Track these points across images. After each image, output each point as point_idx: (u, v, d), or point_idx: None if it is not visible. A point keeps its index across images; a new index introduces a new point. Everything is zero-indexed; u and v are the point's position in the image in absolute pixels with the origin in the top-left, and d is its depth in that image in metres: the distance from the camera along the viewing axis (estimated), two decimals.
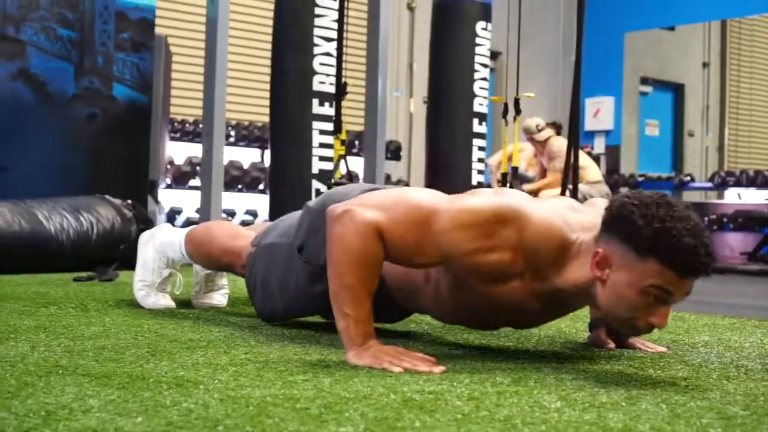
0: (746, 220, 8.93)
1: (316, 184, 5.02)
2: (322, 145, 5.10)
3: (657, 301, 1.74)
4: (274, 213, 5.01)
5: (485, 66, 6.70)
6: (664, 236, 1.68)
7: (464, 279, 1.94)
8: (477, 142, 6.62)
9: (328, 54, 5.15)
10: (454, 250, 1.87)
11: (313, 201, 2.35)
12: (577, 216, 1.93)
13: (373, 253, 1.87)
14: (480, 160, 6.63)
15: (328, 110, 5.12)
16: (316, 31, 5.12)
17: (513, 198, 1.91)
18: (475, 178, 6.48)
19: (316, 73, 5.12)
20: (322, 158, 5.10)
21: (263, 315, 2.49)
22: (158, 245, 2.75)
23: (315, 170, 5.07)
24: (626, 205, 1.73)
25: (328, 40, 5.15)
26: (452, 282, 1.99)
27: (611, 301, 1.79)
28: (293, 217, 2.45)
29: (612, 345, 2.24)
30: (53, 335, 2.13)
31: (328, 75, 5.15)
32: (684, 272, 1.70)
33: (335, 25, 5.18)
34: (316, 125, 5.08)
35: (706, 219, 9.22)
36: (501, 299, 1.93)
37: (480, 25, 6.65)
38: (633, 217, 1.71)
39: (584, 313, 2.34)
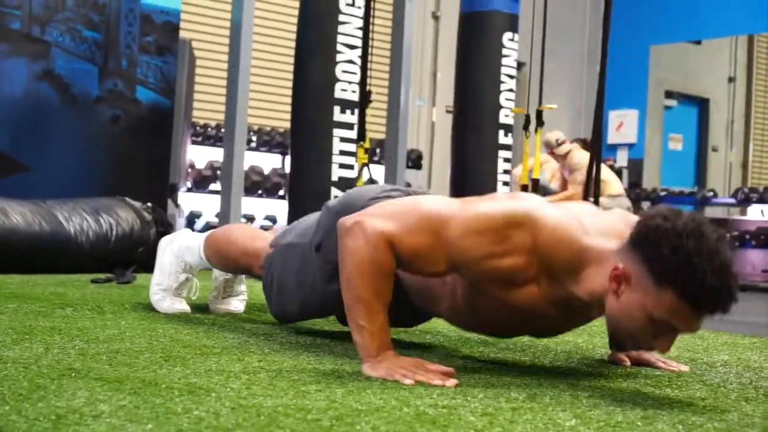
0: None
1: (335, 191, 5.00)
2: (343, 153, 5.08)
3: (663, 332, 1.72)
4: (293, 219, 4.97)
5: (511, 77, 6.68)
6: (686, 272, 1.63)
7: (479, 283, 1.92)
8: (503, 154, 6.62)
9: (351, 62, 5.14)
10: (467, 257, 1.86)
11: (332, 201, 2.35)
12: (594, 220, 1.90)
13: (384, 263, 1.86)
14: (506, 172, 6.63)
15: (350, 118, 5.11)
16: (340, 38, 5.09)
17: (526, 201, 1.89)
18: (501, 189, 6.46)
19: (338, 80, 5.10)
20: (342, 165, 5.08)
21: (277, 315, 2.48)
22: (177, 250, 2.76)
23: (335, 177, 5.05)
24: (658, 229, 1.68)
25: (352, 47, 5.14)
26: (467, 286, 1.97)
27: (620, 317, 1.76)
28: (312, 218, 2.44)
29: (628, 362, 2.21)
30: (68, 337, 2.13)
31: (350, 83, 5.14)
32: (699, 309, 1.68)
33: (359, 33, 5.16)
34: (337, 132, 5.07)
35: (728, 235, 9.15)
36: (516, 305, 1.90)
37: (507, 35, 6.64)
38: (661, 243, 1.66)
39: (602, 330, 2.32)
